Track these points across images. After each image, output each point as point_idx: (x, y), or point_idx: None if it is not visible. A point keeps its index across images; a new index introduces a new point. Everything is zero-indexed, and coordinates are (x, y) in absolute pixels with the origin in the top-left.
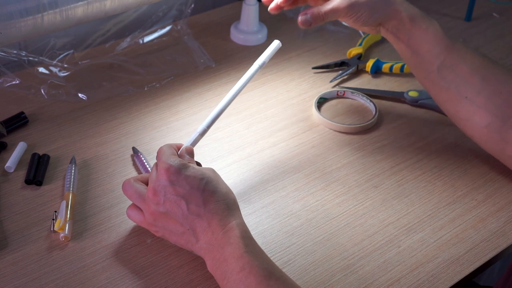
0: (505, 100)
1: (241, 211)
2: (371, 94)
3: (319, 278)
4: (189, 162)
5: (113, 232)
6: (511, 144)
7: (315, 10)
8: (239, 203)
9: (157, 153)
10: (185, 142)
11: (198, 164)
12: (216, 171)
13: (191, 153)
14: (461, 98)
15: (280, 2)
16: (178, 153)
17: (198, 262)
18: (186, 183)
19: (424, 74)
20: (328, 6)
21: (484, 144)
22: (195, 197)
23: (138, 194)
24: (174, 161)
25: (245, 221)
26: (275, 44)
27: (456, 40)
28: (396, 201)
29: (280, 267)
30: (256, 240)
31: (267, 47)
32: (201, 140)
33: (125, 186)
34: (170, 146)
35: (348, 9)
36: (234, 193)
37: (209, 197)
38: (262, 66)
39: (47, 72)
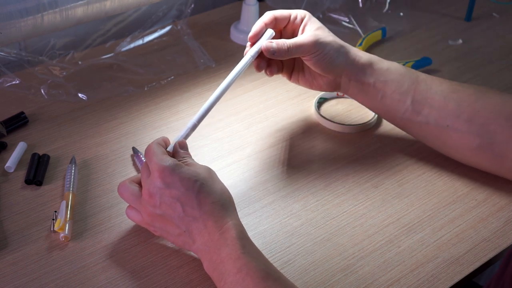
0: (485, 117)
1: (241, 211)
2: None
3: (319, 278)
4: (184, 157)
5: (113, 232)
6: (506, 157)
7: (280, 41)
8: (239, 203)
9: (146, 152)
10: (175, 136)
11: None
12: (215, 170)
13: (184, 147)
14: (443, 128)
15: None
16: (172, 149)
17: (198, 262)
18: (181, 185)
19: (399, 114)
20: (294, 40)
21: (481, 165)
22: (190, 199)
23: (134, 196)
24: (167, 161)
25: (245, 221)
26: (269, 33)
27: (418, 72)
28: (396, 201)
29: (280, 267)
30: (256, 240)
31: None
32: (201, 140)
33: (121, 188)
34: (158, 144)
35: (314, 46)
36: (234, 193)
37: (204, 198)
38: (255, 57)
39: (47, 72)
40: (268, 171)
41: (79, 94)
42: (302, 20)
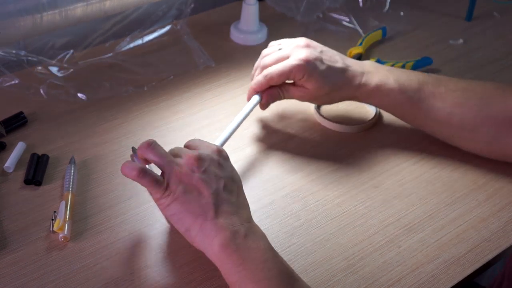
0: (489, 125)
1: None
2: None
3: (319, 279)
4: None
5: (113, 232)
6: None
7: (276, 95)
8: None
9: (191, 141)
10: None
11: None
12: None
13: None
14: (449, 137)
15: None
16: None
17: (198, 262)
18: (231, 170)
19: (405, 121)
20: (287, 94)
21: (492, 158)
22: (233, 185)
23: (167, 154)
24: (218, 147)
25: None
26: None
27: (420, 90)
28: (396, 201)
29: None
30: None
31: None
32: None
33: (150, 145)
34: None
35: (306, 101)
36: None
37: (242, 195)
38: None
39: (46, 72)
40: (268, 171)
41: (79, 94)
42: (299, 79)
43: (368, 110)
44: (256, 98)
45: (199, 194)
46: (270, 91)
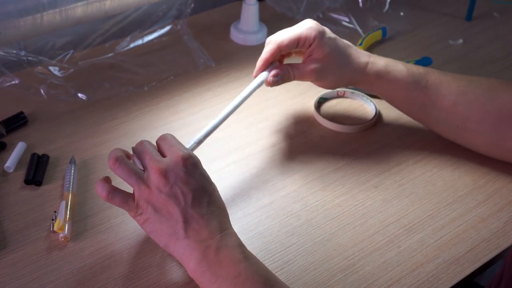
0: (495, 117)
1: (242, 211)
2: (371, 94)
3: (319, 278)
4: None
5: (113, 232)
6: None
7: (285, 75)
8: (239, 203)
9: (163, 137)
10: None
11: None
12: (215, 170)
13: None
14: (453, 128)
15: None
16: None
17: None
18: (199, 179)
19: (409, 113)
20: (298, 72)
21: (494, 156)
22: (202, 196)
23: (134, 172)
24: (192, 153)
25: (245, 221)
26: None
27: (427, 75)
28: (396, 201)
29: (280, 267)
30: (256, 240)
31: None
32: None
33: (117, 162)
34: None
35: (316, 78)
36: (234, 193)
37: (214, 202)
38: (263, 83)
39: (46, 72)
40: (268, 171)
41: (79, 94)
42: (309, 45)
43: (368, 110)
44: (263, 75)
45: (168, 213)
46: (280, 67)
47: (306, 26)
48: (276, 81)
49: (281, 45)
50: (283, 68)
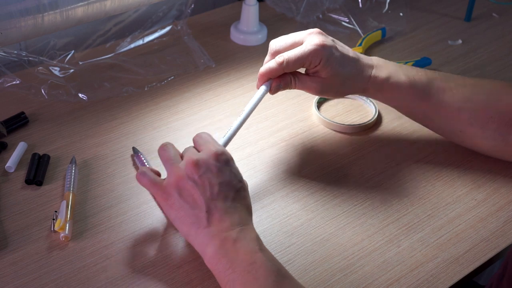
0: (498, 123)
1: None
2: None
3: (319, 278)
4: None
5: (113, 232)
6: None
7: (287, 85)
8: None
9: (201, 134)
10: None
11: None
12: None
13: None
14: (456, 133)
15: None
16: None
17: (198, 262)
18: (229, 175)
19: (413, 119)
20: (300, 85)
21: (498, 157)
22: (230, 191)
23: (172, 157)
24: (225, 150)
25: None
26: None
27: (430, 83)
28: (395, 201)
29: None
30: None
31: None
32: None
33: (163, 147)
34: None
35: (317, 94)
36: None
37: (240, 199)
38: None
39: (47, 72)
40: (268, 171)
41: (79, 94)
42: (314, 66)
43: (368, 110)
44: (263, 88)
45: (193, 201)
46: (283, 76)
47: (313, 43)
48: (278, 88)
49: (287, 67)
50: (286, 78)
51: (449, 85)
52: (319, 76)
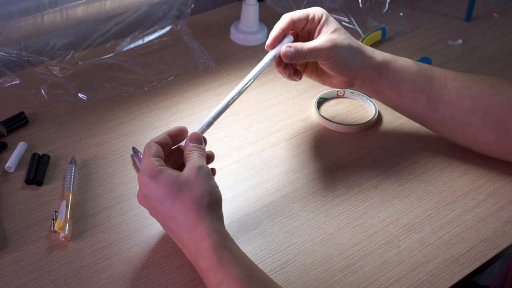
0: (499, 112)
1: (241, 211)
2: None
3: (319, 278)
4: (191, 150)
5: (113, 232)
6: None
7: (298, 45)
8: (239, 203)
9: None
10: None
11: (210, 156)
12: (216, 171)
13: (196, 139)
14: (459, 124)
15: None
16: (184, 143)
17: None
18: (158, 193)
19: (416, 112)
20: (312, 44)
21: (499, 156)
22: (167, 209)
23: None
24: (147, 168)
25: (245, 221)
26: (288, 40)
27: (432, 69)
28: (396, 201)
29: (280, 267)
30: (256, 240)
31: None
32: None
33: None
34: (154, 144)
35: (331, 50)
36: (234, 193)
37: (180, 208)
38: (273, 60)
39: (47, 72)
40: (268, 171)
41: (79, 94)
42: (319, 21)
43: (368, 110)
44: (272, 53)
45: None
46: (294, 43)
47: (313, 7)
48: (290, 53)
49: (293, 17)
50: (296, 44)
51: (449, 73)
52: (326, 32)
